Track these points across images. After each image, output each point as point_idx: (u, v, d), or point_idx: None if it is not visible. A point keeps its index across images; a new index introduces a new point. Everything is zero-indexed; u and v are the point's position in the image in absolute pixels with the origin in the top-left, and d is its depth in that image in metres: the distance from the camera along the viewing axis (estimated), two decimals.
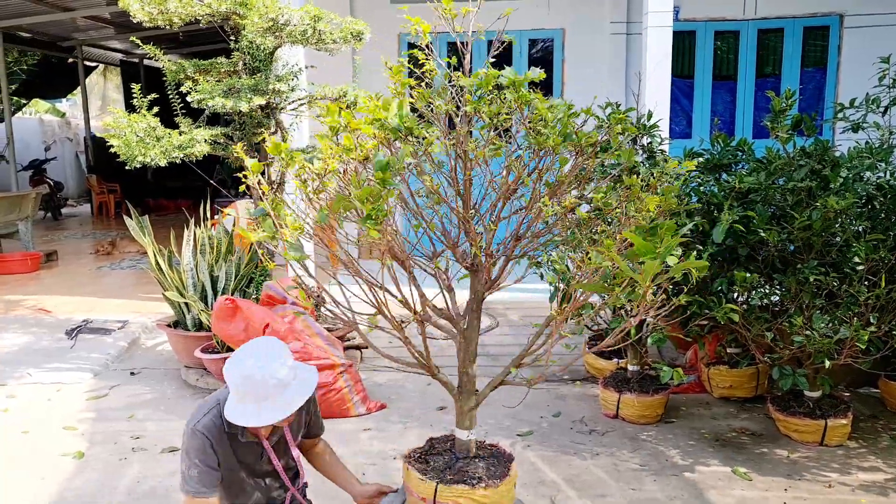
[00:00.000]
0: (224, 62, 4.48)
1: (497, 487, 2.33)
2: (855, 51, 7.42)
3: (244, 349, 2.13)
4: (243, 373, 2.04)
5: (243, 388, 2.04)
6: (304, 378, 2.13)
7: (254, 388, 2.03)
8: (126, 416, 4.07)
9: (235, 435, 2.18)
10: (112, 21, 11.62)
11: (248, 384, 2.03)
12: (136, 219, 4.77)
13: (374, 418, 3.97)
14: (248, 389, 2.03)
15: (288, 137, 4.62)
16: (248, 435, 2.20)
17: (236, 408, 2.06)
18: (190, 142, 4.04)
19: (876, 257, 3.22)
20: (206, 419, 2.13)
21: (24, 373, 4.72)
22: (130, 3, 4.01)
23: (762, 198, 3.45)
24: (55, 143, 17.00)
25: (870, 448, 3.50)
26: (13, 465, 3.50)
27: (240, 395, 2.06)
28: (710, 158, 3.99)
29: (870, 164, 3.58)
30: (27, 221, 8.67)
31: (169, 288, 4.53)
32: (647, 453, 3.50)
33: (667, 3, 5.27)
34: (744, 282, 3.31)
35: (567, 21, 7.70)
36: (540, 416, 3.97)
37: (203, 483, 2.13)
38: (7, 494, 3.22)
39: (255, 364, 2.04)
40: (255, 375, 2.02)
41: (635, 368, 3.92)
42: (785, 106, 3.42)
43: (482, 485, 2.31)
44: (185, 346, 4.51)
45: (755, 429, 3.76)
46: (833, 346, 3.14)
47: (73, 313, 6.03)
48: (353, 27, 4.25)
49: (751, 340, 3.52)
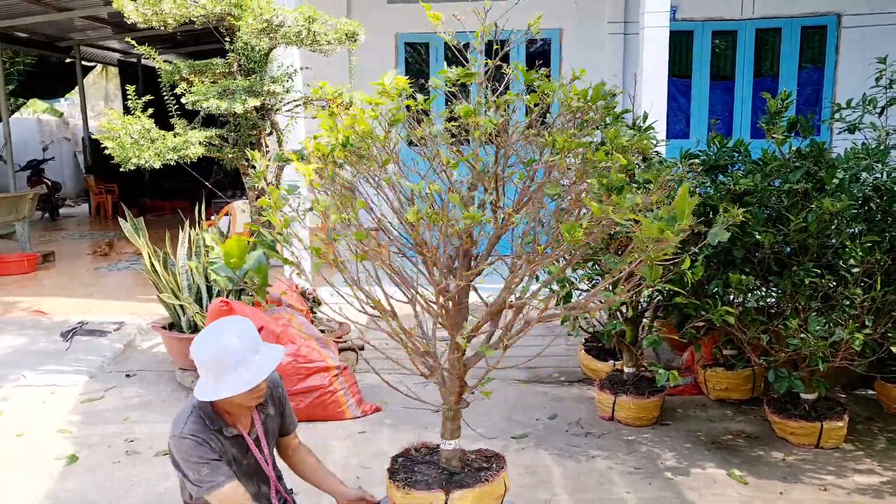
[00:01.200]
0: (219, 63, 4.46)
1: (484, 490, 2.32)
2: (853, 50, 7.41)
3: (207, 328, 2.16)
4: (208, 346, 2.08)
5: (211, 361, 2.06)
6: (271, 350, 2.17)
7: (222, 356, 2.05)
8: (121, 418, 4.06)
9: (220, 430, 2.17)
10: (109, 21, 11.60)
11: (215, 356, 2.06)
12: (131, 220, 4.75)
13: (370, 420, 3.96)
14: (217, 360, 2.06)
15: (283, 139, 4.61)
16: (231, 429, 2.19)
17: (206, 384, 2.08)
18: (184, 143, 4.03)
19: (871, 260, 3.21)
20: (188, 425, 2.12)
21: (19, 375, 4.71)
22: (125, 4, 4.00)
23: (758, 200, 3.44)
24: (53, 143, 16.98)
25: (866, 451, 3.50)
26: (7, 468, 3.49)
27: (208, 371, 2.08)
28: (706, 159, 3.97)
29: (866, 166, 3.57)
30: (24, 222, 8.66)
31: (164, 290, 4.52)
32: (643, 456, 3.49)
33: (664, 4, 5.26)
34: (739, 284, 3.29)
35: (565, 21, 7.69)
36: (536, 419, 3.96)
37: (219, 473, 2.10)
38: (1, 498, 3.21)
39: (216, 335, 2.10)
40: (220, 344, 2.07)
41: (631, 370, 3.91)
42: (781, 107, 3.41)
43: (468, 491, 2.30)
44: (180, 348, 4.49)
45: (751, 431, 3.75)
46: (828, 348, 3.12)
47: (70, 315, 6.01)
48: (348, 28, 4.23)
49: (746, 343, 3.51)
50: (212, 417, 2.14)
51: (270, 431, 2.33)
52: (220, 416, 2.17)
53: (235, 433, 2.20)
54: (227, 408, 2.16)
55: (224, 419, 2.18)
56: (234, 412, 2.18)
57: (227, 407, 2.16)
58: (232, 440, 2.20)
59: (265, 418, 2.29)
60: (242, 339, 2.08)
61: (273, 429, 2.35)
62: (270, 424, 2.33)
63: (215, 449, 2.13)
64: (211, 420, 2.14)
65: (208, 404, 2.15)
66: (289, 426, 2.42)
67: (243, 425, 2.22)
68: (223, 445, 2.17)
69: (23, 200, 8.71)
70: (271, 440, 2.36)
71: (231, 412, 2.18)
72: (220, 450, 2.16)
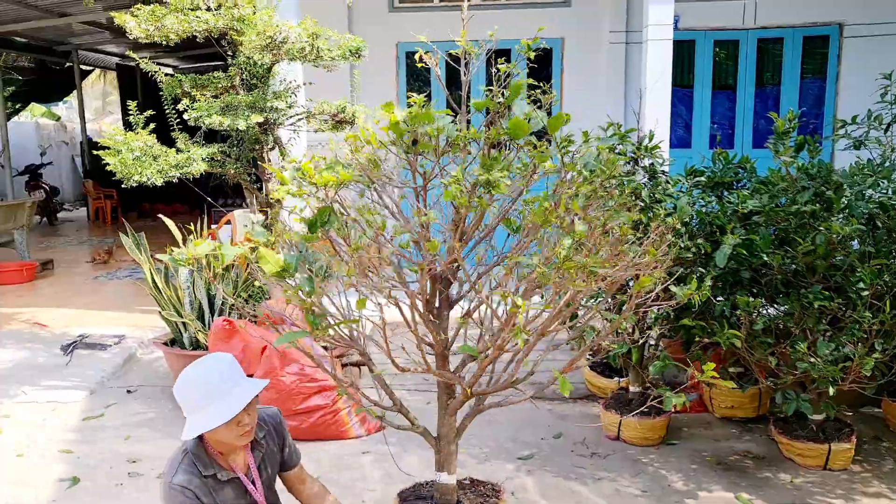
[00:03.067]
0: (221, 76, 4.43)
1: None
2: (855, 60, 7.40)
3: (188, 368, 2.14)
4: (187, 381, 2.07)
5: (195, 394, 2.05)
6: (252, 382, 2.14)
7: (204, 389, 2.04)
8: (122, 437, 4.03)
9: (214, 475, 2.13)
10: (108, 26, 11.55)
11: (190, 391, 2.05)
12: (132, 235, 4.72)
13: (374, 440, 3.93)
14: (193, 393, 2.05)
15: (286, 153, 4.58)
16: (225, 472, 2.15)
17: (192, 421, 2.05)
18: (187, 161, 4.00)
19: (880, 282, 3.19)
20: (180, 474, 2.06)
21: (18, 391, 4.67)
22: (127, 20, 3.97)
23: (765, 220, 3.42)
24: (51, 147, 16.92)
25: (874, 472, 3.47)
26: (10, 491, 3.45)
27: (192, 408, 2.05)
28: (711, 176, 3.95)
29: (872, 183, 3.55)
30: (23, 230, 8.61)
31: (166, 307, 4.48)
32: (649, 478, 3.47)
33: (667, 16, 5.24)
34: (747, 306, 3.27)
35: (566, 30, 7.66)
36: (541, 438, 3.94)
37: None
38: None
39: (193, 370, 2.09)
40: (193, 380, 2.06)
41: (637, 390, 3.88)
42: (789, 128, 3.39)
43: None
44: (181, 364, 4.44)
45: (758, 451, 3.73)
46: (838, 373, 3.10)
47: (70, 327, 5.98)
48: (352, 44, 4.20)
49: (754, 364, 3.49)
50: (205, 462, 2.09)
51: (269, 469, 2.30)
52: (213, 460, 2.12)
53: (231, 476, 2.16)
54: (219, 448, 2.12)
55: (218, 462, 2.13)
56: (227, 452, 2.14)
57: (218, 447, 2.12)
58: (227, 483, 2.15)
59: (262, 456, 2.26)
60: (216, 372, 2.06)
61: (272, 466, 2.31)
62: (269, 462, 2.29)
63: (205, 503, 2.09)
64: (204, 465, 2.09)
65: (201, 447, 2.11)
66: (291, 459, 2.39)
67: (239, 466, 2.18)
68: (216, 494, 2.11)
69: (21, 208, 8.66)
70: (272, 476, 2.32)
71: (224, 453, 2.14)
72: (213, 500, 2.10)
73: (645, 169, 3.79)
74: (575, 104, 7.58)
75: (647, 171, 3.79)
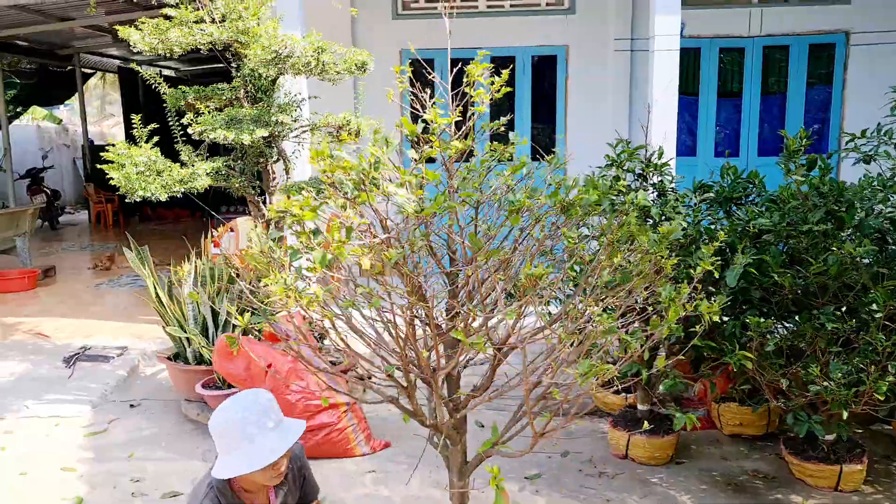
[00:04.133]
0: (225, 88, 4.40)
1: None
2: (861, 68, 7.36)
3: (225, 402, 2.10)
4: (225, 419, 2.03)
5: (228, 434, 2.01)
6: (290, 423, 2.11)
7: (238, 429, 2.00)
8: (126, 454, 3.99)
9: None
10: (110, 30, 11.52)
11: (231, 427, 2.01)
12: (136, 248, 4.69)
13: (379, 458, 3.90)
14: (233, 433, 2.00)
15: (290, 167, 4.55)
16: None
17: (225, 461, 2.01)
18: (191, 175, 3.97)
19: (893, 304, 3.14)
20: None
21: (21, 405, 4.64)
22: (131, 33, 3.93)
23: (776, 239, 3.38)
24: (52, 150, 16.89)
25: (886, 494, 3.44)
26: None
27: (226, 447, 2.01)
28: (719, 191, 3.91)
29: (882, 198, 3.51)
30: (25, 237, 8.58)
31: (170, 322, 4.45)
32: (659, 499, 3.43)
33: (674, 27, 5.21)
34: (757, 327, 3.23)
35: (570, 38, 7.63)
36: (548, 456, 3.89)
37: None
38: None
39: (231, 408, 2.05)
40: (237, 415, 2.02)
41: (645, 408, 3.85)
42: (800, 147, 3.35)
43: None
44: (185, 379, 4.43)
45: (768, 471, 3.69)
46: (851, 396, 3.07)
47: (72, 337, 5.94)
48: (358, 58, 4.17)
49: (764, 385, 3.45)
50: (229, 499, 2.07)
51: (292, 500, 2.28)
52: (237, 496, 2.11)
53: None
54: (245, 485, 2.10)
55: (241, 498, 2.11)
56: (252, 490, 2.12)
57: (244, 485, 2.10)
58: None
59: (284, 493, 2.23)
60: (254, 412, 2.01)
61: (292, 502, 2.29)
62: (290, 499, 2.27)
63: None
64: (228, 501, 2.07)
65: (226, 483, 2.08)
66: (309, 495, 2.37)
67: (261, 500, 2.16)
68: None
69: (23, 215, 8.63)
70: None
71: (249, 490, 2.12)
72: None
73: (654, 186, 3.75)
74: (578, 111, 7.56)
75: (656, 188, 3.75)
